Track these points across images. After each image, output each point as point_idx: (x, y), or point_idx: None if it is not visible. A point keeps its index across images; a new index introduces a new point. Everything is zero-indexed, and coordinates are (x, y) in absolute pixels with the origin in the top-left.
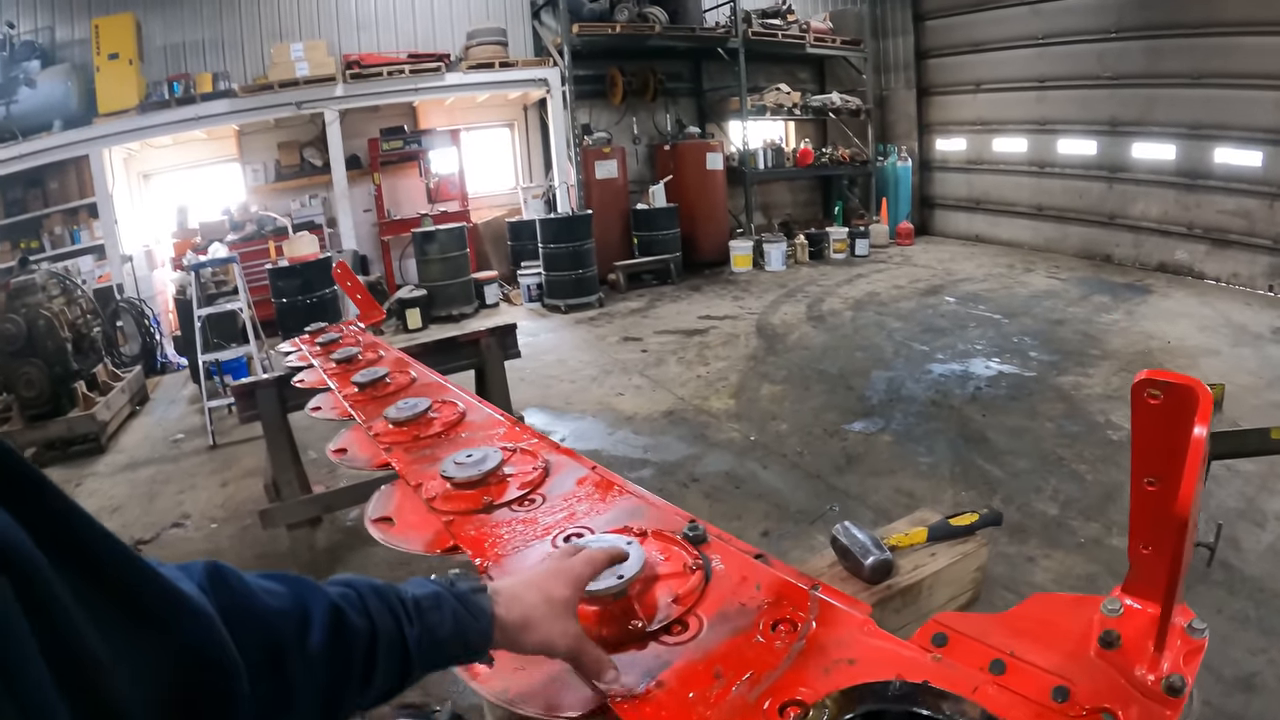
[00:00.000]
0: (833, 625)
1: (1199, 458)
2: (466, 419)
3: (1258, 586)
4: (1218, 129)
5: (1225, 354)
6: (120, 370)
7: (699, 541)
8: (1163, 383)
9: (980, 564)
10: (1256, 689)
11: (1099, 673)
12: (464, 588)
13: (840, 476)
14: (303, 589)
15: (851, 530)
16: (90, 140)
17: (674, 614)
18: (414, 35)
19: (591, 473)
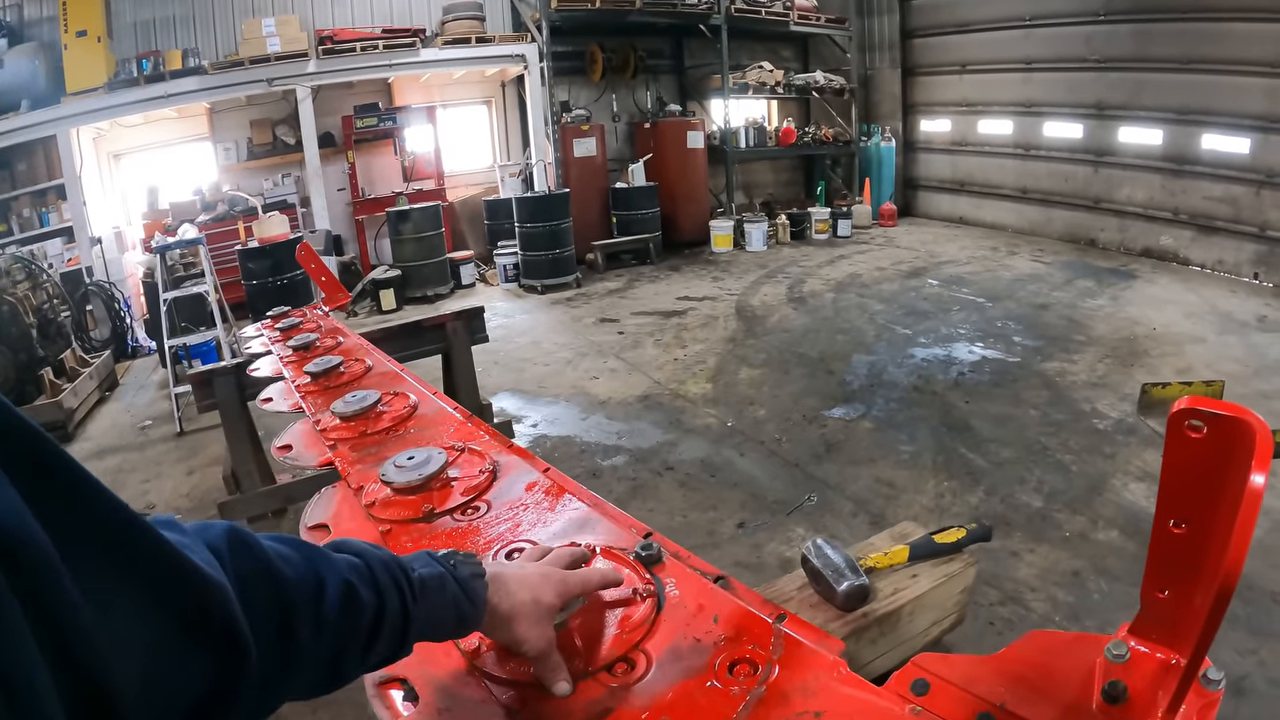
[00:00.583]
0: (799, 667)
1: (1256, 509)
2: (418, 413)
3: (1246, 584)
4: (1205, 115)
5: (1211, 341)
6: (89, 355)
7: (653, 562)
8: (1208, 413)
9: (966, 585)
10: (1246, 693)
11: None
12: (465, 572)
13: (819, 465)
14: (316, 557)
15: (824, 550)
16: (58, 120)
17: (619, 650)
18: (389, 10)
19: (542, 476)
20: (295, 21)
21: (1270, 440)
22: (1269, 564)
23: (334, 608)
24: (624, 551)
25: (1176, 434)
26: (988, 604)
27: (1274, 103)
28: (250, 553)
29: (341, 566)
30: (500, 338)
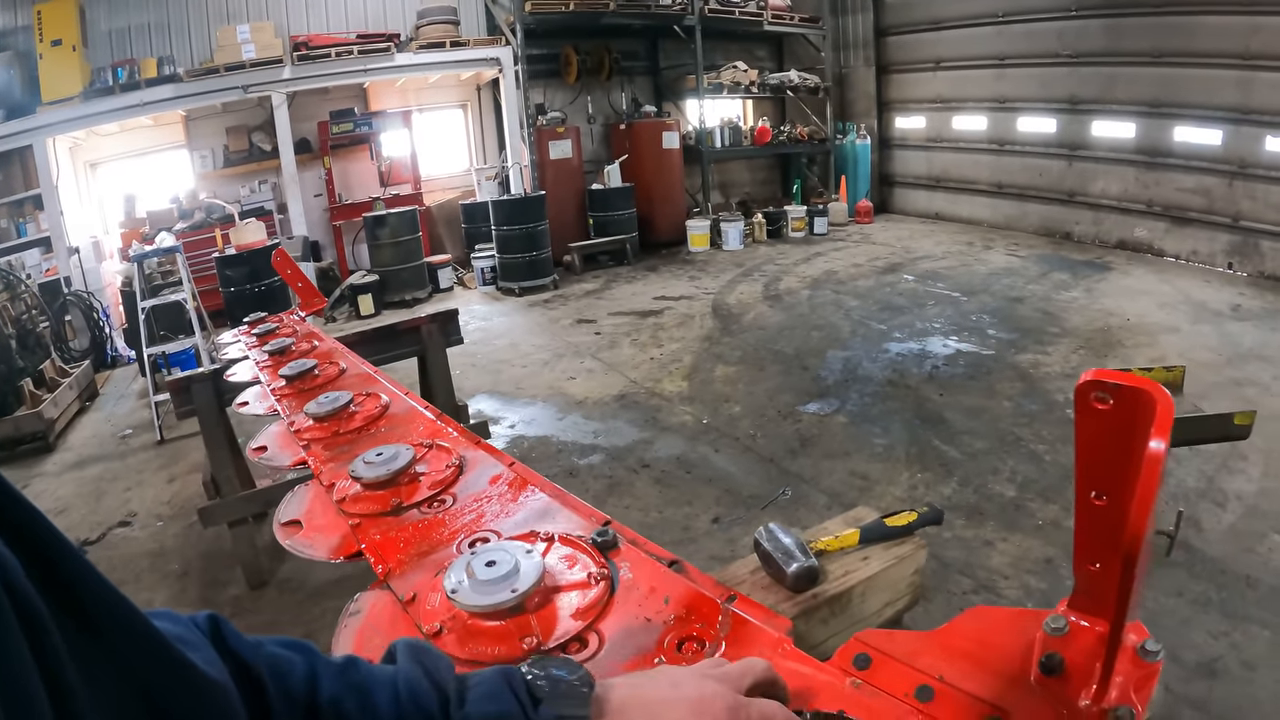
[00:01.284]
0: (745, 644)
1: (1156, 476)
2: (389, 412)
3: (1219, 568)
4: (1177, 107)
5: (1185, 331)
6: (69, 366)
7: (609, 548)
8: (1113, 385)
9: (918, 567)
10: (1219, 674)
11: (1038, 702)
12: (548, 714)
13: (794, 459)
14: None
15: (775, 534)
16: (34, 130)
17: (573, 630)
18: (364, 15)
19: (507, 470)
20: (270, 28)
21: (1170, 406)
22: (1242, 549)
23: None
24: (580, 538)
25: (1085, 406)
26: (961, 592)
27: (1245, 94)
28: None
29: (340, 688)
30: (478, 340)
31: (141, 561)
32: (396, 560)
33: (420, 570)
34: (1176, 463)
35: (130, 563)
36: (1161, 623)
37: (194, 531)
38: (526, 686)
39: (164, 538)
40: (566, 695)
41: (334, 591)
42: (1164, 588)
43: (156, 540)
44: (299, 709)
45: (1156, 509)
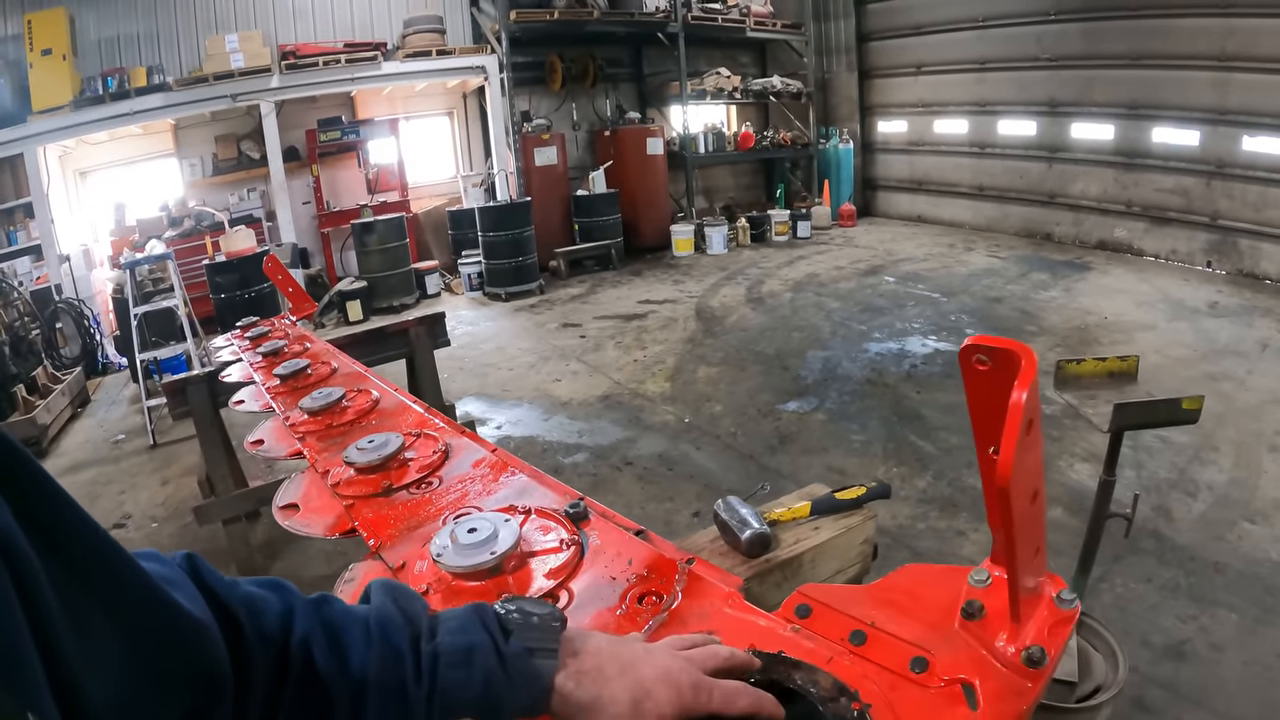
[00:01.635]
0: (698, 598)
1: (1018, 423)
2: (379, 406)
3: (1189, 555)
4: (1155, 109)
5: (1161, 328)
6: (60, 372)
7: (580, 519)
8: (988, 348)
9: (867, 536)
10: (1186, 656)
11: (960, 643)
12: (517, 646)
13: (773, 456)
14: (291, 602)
15: (733, 505)
16: (24, 139)
17: (546, 588)
18: (351, 24)
19: (489, 454)
20: (258, 37)
21: (1034, 362)
22: (1211, 536)
23: (295, 672)
24: (555, 511)
25: (969, 369)
26: None
27: (1221, 95)
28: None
29: (314, 625)
30: (465, 344)
31: None
32: (387, 535)
33: (409, 542)
34: (1149, 455)
35: None
36: (1131, 608)
37: (188, 531)
38: (498, 620)
39: (159, 538)
40: (538, 629)
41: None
42: (1134, 574)
43: (152, 541)
44: (273, 646)
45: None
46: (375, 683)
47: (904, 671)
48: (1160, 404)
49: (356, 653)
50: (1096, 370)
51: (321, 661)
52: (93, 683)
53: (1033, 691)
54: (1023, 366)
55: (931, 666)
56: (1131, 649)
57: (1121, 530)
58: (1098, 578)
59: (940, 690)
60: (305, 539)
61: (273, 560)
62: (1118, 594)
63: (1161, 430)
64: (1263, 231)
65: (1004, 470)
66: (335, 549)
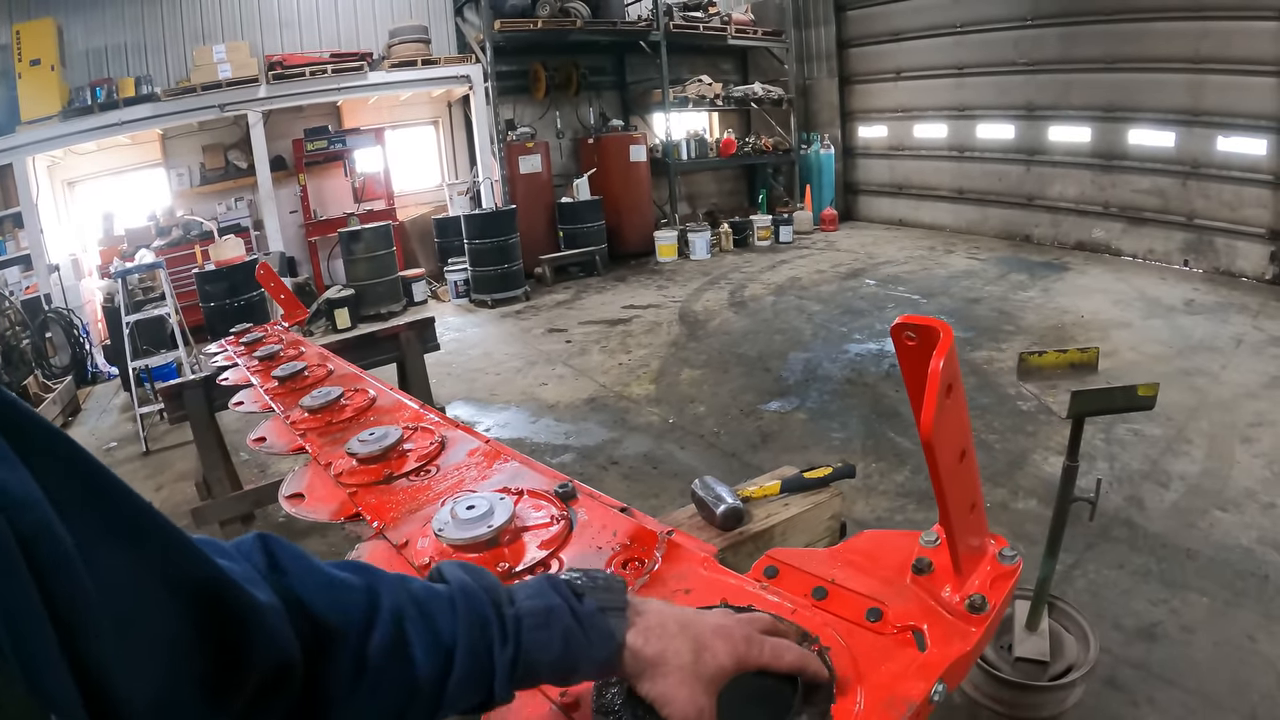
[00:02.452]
0: (677, 563)
1: (936, 387)
2: (376, 404)
3: (1160, 543)
4: (1131, 111)
5: (1137, 326)
6: (51, 381)
7: (569, 498)
8: (914, 325)
9: (834, 513)
10: (1157, 638)
11: (911, 595)
12: (591, 605)
13: (755, 454)
14: (378, 584)
15: (709, 483)
16: (13, 149)
17: (539, 558)
18: (337, 34)
19: (483, 444)
20: (245, 48)
21: (950, 336)
22: (1183, 524)
23: (381, 648)
24: (546, 491)
25: (900, 345)
26: None
27: (1195, 97)
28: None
29: (402, 599)
30: (453, 350)
31: None
32: (390, 517)
33: (410, 523)
34: (1122, 447)
35: None
36: (1103, 594)
37: None
38: (569, 585)
39: None
40: (606, 590)
41: None
42: (1106, 561)
43: None
44: (358, 623)
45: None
46: (464, 649)
47: (860, 621)
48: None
49: (445, 622)
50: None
51: (414, 634)
52: (136, 682)
53: (975, 635)
54: (941, 339)
55: (885, 616)
56: (1104, 631)
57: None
58: (1070, 564)
59: (893, 636)
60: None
61: None
62: (1090, 580)
63: (1135, 424)
64: (1238, 230)
65: (926, 427)
66: (331, 550)
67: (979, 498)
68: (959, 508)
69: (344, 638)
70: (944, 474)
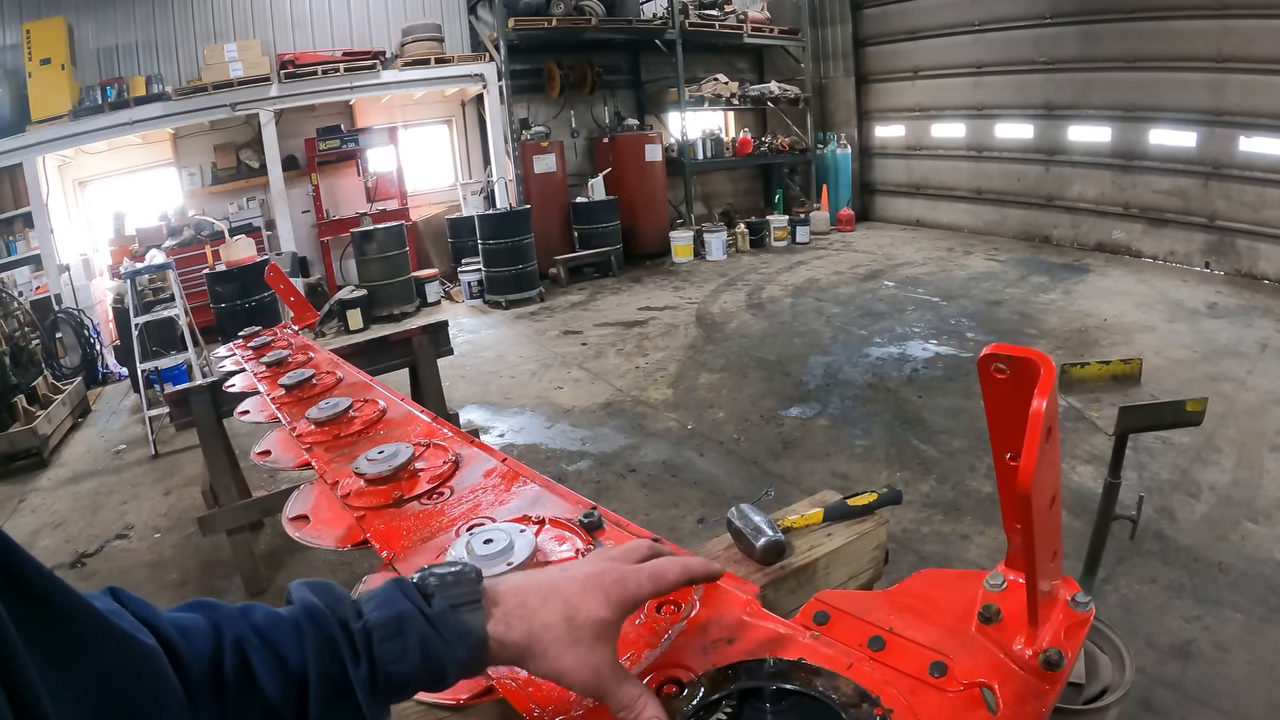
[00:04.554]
0: (716, 605)
1: (1039, 430)
2: (387, 416)
3: (1192, 556)
4: (1152, 111)
5: (1161, 330)
6: (61, 382)
7: (594, 528)
8: (1007, 357)
9: (879, 543)
10: (1191, 656)
11: (978, 647)
12: (441, 605)
13: (776, 461)
14: (215, 608)
15: (746, 513)
16: (24, 148)
17: None
18: (349, 33)
19: (500, 465)
20: (257, 46)
21: (1053, 371)
22: (1215, 537)
23: (232, 681)
24: (569, 520)
25: (987, 377)
26: None
27: (1217, 96)
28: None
29: (243, 629)
30: (466, 353)
31: (140, 572)
32: (400, 545)
33: (422, 553)
34: (1150, 456)
35: (128, 573)
36: (1136, 609)
37: (191, 542)
38: (417, 586)
39: (162, 548)
40: (456, 585)
41: None
42: (1138, 576)
43: (154, 551)
44: (207, 662)
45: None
46: (316, 673)
47: (923, 676)
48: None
49: (291, 648)
50: (1100, 373)
51: (258, 663)
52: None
53: (1051, 694)
54: (1042, 375)
55: (950, 671)
56: (1137, 650)
57: (1125, 532)
58: (1102, 579)
59: (960, 694)
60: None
61: (276, 570)
62: (1122, 595)
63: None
64: (1260, 231)
65: (1025, 477)
66: (340, 559)
67: (1060, 544)
68: (1044, 557)
69: (200, 678)
70: (1036, 524)
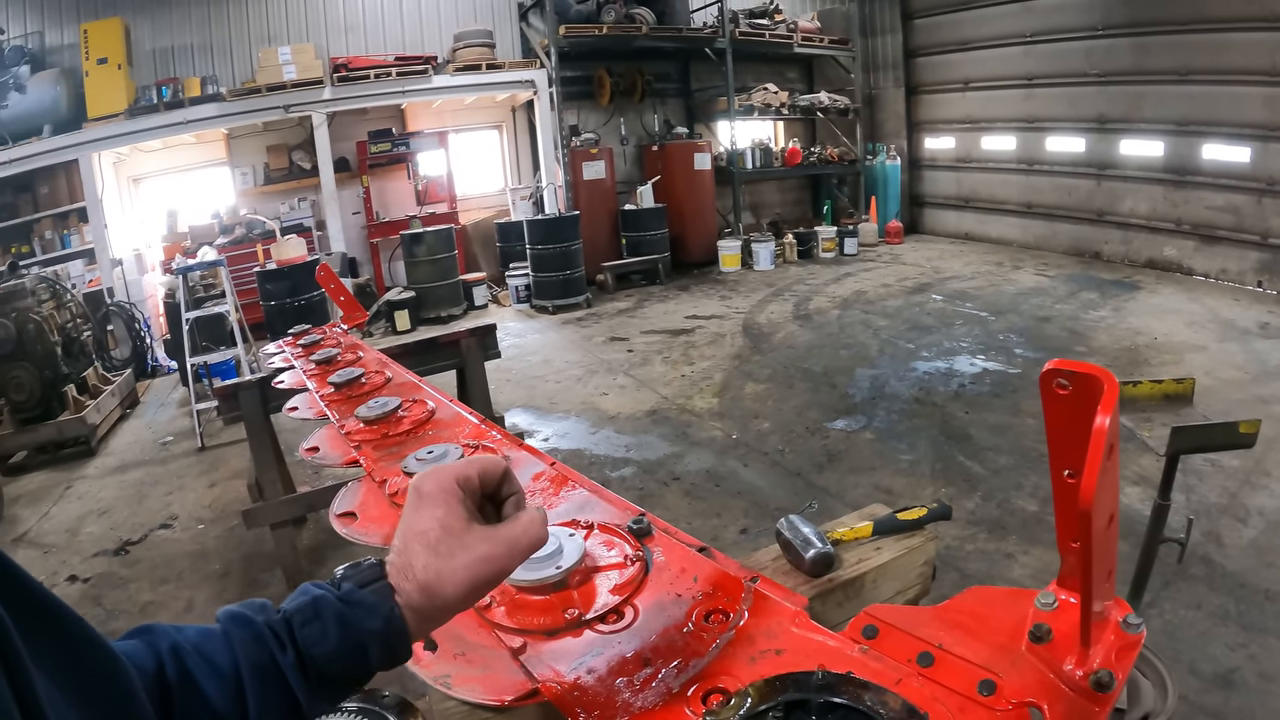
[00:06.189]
0: (765, 616)
1: (1101, 448)
2: (435, 417)
3: (1239, 582)
4: (1205, 125)
5: (1212, 349)
6: (110, 374)
7: (643, 534)
8: (1070, 372)
9: (928, 558)
10: (1235, 685)
11: (1028, 666)
12: (350, 586)
13: (820, 474)
14: (154, 632)
15: (795, 524)
16: (80, 145)
17: (611, 603)
18: (401, 38)
19: (549, 468)
20: (311, 50)
21: (1115, 388)
22: (1263, 563)
23: (177, 688)
24: (618, 526)
25: (1049, 393)
26: None
27: (1273, 111)
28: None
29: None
30: (513, 356)
31: (182, 561)
32: None
33: None
34: (1199, 479)
35: (171, 562)
36: (1180, 635)
37: (234, 534)
38: (329, 582)
39: (205, 539)
40: (358, 570)
41: None
42: (1183, 600)
43: (198, 542)
44: (151, 674)
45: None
46: (248, 666)
47: (972, 694)
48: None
49: (222, 652)
50: (1152, 392)
51: (196, 669)
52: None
53: (1100, 716)
54: (1105, 391)
55: (999, 689)
56: (1180, 676)
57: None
58: (1147, 603)
59: (1008, 713)
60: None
61: (318, 565)
62: (1167, 620)
63: (1211, 454)
64: None
65: (1086, 494)
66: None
67: (1115, 564)
68: (1100, 577)
69: (148, 690)
70: (1095, 542)
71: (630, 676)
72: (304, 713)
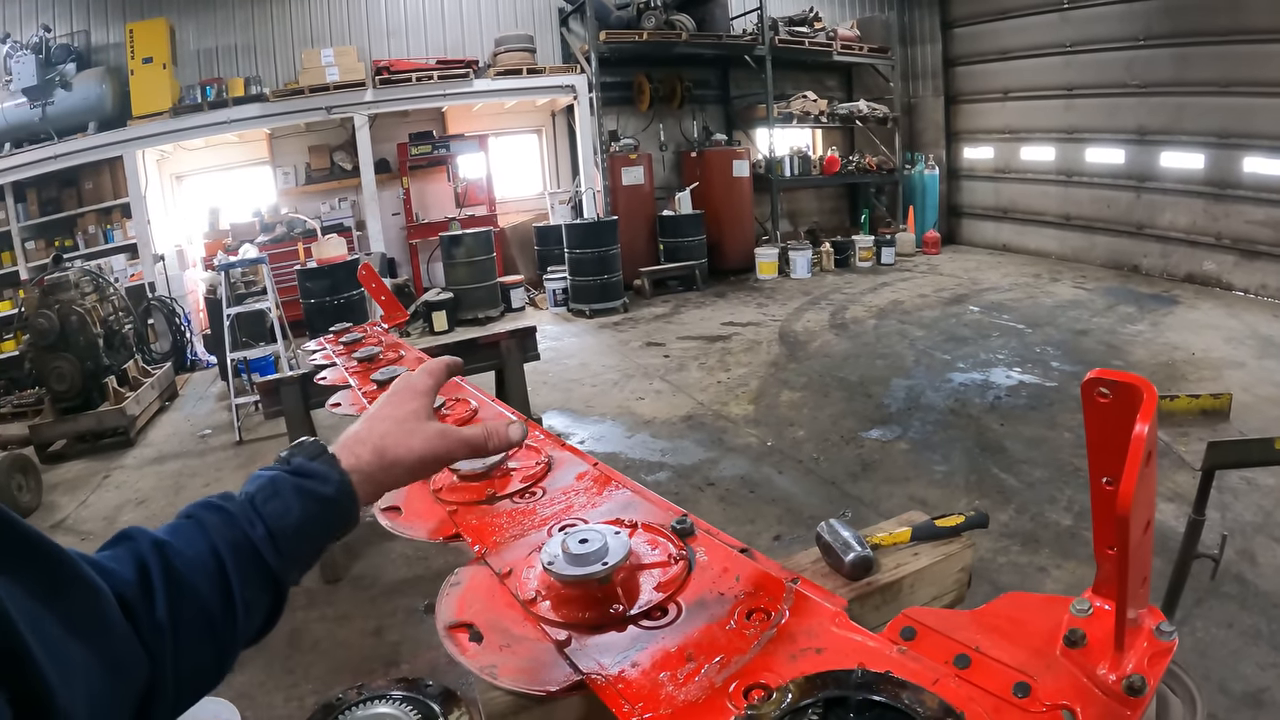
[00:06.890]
0: (805, 616)
1: (1139, 455)
2: (478, 415)
3: (1272, 602)
4: (1247, 138)
5: (1250, 366)
6: (151, 367)
7: (686, 534)
8: (1111, 381)
9: (965, 565)
10: (1265, 704)
11: (1062, 670)
12: (299, 460)
13: (855, 483)
14: (133, 537)
15: (835, 528)
16: (124, 142)
17: (654, 600)
18: (443, 42)
19: (592, 469)
20: (353, 52)
21: (1155, 397)
22: None
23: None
24: (661, 526)
25: (1090, 400)
26: None
27: None
28: None
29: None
30: (549, 359)
31: None
32: (492, 541)
33: (513, 550)
34: (1234, 497)
35: None
36: (1211, 653)
37: None
38: (277, 462)
39: None
40: (303, 447)
41: (405, 590)
42: (1215, 619)
43: None
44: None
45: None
46: (225, 545)
47: (1007, 696)
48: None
49: (198, 539)
50: (1189, 407)
51: (176, 558)
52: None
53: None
54: (1145, 400)
55: (1034, 692)
56: (1210, 694)
57: (1204, 572)
58: (1178, 620)
59: (1042, 715)
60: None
61: (354, 560)
62: (1198, 638)
63: (1248, 471)
64: None
65: (1124, 500)
66: (415, 553)
67: (1149, 571)
68: (1135, 583)
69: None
70: (1131, 548)
71: (673, 671)
72: (278, 582)
